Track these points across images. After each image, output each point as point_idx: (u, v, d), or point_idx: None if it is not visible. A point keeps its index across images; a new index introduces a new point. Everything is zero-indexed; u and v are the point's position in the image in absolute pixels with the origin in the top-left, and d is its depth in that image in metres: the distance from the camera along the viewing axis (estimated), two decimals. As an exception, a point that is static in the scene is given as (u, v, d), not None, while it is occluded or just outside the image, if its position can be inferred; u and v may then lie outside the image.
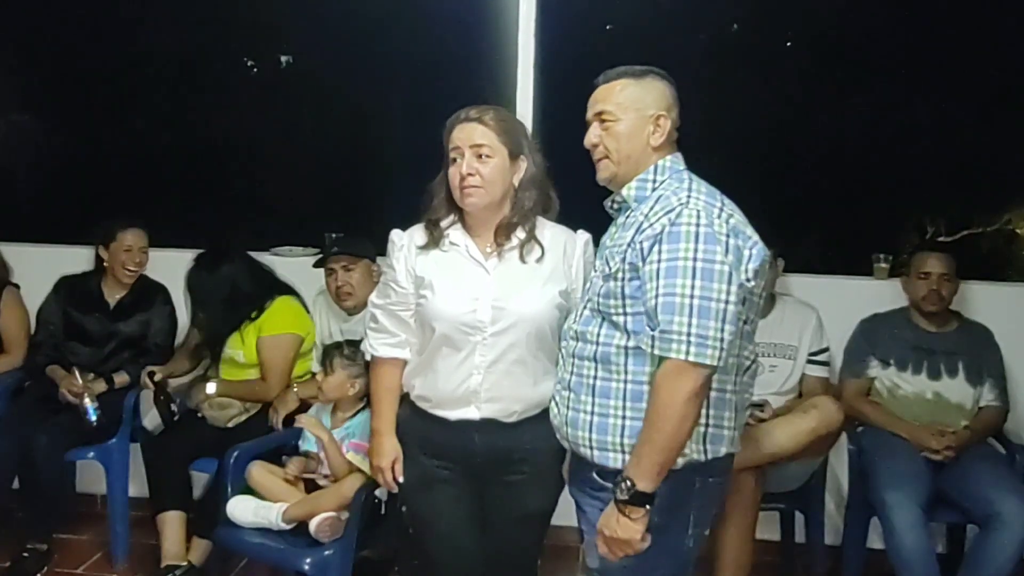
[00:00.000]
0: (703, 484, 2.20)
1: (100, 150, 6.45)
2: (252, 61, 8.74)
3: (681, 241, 2.03)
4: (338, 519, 3.01)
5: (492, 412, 2.40)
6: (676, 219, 2.06)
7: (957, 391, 3.45)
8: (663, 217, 2.09)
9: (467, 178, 2.35)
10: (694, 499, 2.20)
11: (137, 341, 3.89)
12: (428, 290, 2.41)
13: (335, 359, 3.21)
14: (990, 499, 3.12)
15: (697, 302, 1.99)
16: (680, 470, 2.13)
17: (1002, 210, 9.72)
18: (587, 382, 2.20)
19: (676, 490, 2.15)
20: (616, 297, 2.14)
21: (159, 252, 4.06)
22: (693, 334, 1.98)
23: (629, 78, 2.26)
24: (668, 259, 2.03)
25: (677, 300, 2.00)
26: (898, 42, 8.46)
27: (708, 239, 2.03)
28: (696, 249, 2.02)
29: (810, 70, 8.92)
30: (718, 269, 2.01)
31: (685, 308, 1.99)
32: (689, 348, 1.99)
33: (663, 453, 2.05)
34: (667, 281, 2.02)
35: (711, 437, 2.16)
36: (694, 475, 2.17)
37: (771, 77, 8.74)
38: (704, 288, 2.00)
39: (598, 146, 2.27)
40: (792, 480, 3.39)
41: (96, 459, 3.74)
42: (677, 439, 2.05)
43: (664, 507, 2.14)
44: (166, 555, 3.46)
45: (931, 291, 3.48)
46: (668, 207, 2.10)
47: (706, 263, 2.01)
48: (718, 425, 2.16)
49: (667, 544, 2.19)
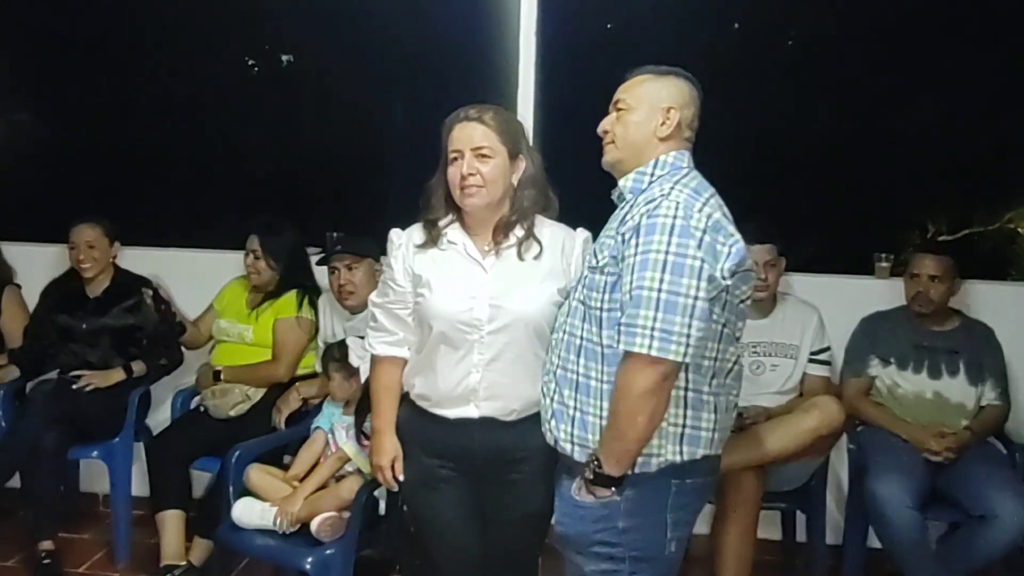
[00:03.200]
0: (680, 487, 2.19)
1: (101, 149, 6.46)
2: (252, 60, 8.74)
3: (655, 233, 2.02)
4: (339, 519, 3.02)
5: (491, 411, 2.40)
6: (654, 211, 2.06)
7: (958, 390, 3.44)
8: (643, 208, 2.09)
9: (468, 178, 2.35)
10: (671, 502, 2.19)
11: (129, 333, 3.89)
12: (426, 288, 2.41)
13: (329, 366, 3.27)
14: (988, 498, 3.11)
15: (664, 296, 1.98)
16: (655, 473, 2.14)
17: (1004, 209, 9.72)
18: (571, 377, 2.20)
19: (651, 494, 2.16)
20: (599, 290, 2.14)
21: (156, 252, 4.12)
22: (658, 328, 1.97)
23: (651, 74, 2.29)
24: (642, 251, 2.03)
25: (645, 293, 1.99)
26: (899, 41, 8.46)
27: (682, 232, 2.02)
28: (669, 242, 2.01)
29: (811, 69, 8.92)
30: (689, 264, 2.00)
31: (652, 302, 1.98)
32: (652, 342, 1.98)
33: (623, 443, 2.07)
34: (639, 274, 2.01)
35: (688, 438, 2.15)
36: (670, 478, 2.16)
37: (772, 76, 8.74)
38: (673, 283, 1.99)
39: (608, 132, 2.29)
40: (793, 479, 3.39)
41: (99, 458, 3.75)
42: (633, 431, 2.05)
43: (638, 511, 2.15)
44: (165, 554, 3.47)
45: (918, 292, 3.47)
46: (649, 198, 2.11)
47: (678, 257, 2.00)
48: (695, 427, 2.15)
49: (646, 548, 2.20)
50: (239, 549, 3.28)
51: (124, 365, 3.83)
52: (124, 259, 4.04)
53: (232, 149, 6.99)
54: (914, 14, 8.23)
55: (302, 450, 3.28)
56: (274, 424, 3.57)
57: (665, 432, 2.11)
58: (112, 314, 3.90)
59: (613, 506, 2.14)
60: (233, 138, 6.96)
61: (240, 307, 3.82)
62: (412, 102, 6.19)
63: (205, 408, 3.72)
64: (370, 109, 6.90)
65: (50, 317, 3.94)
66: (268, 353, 3.72)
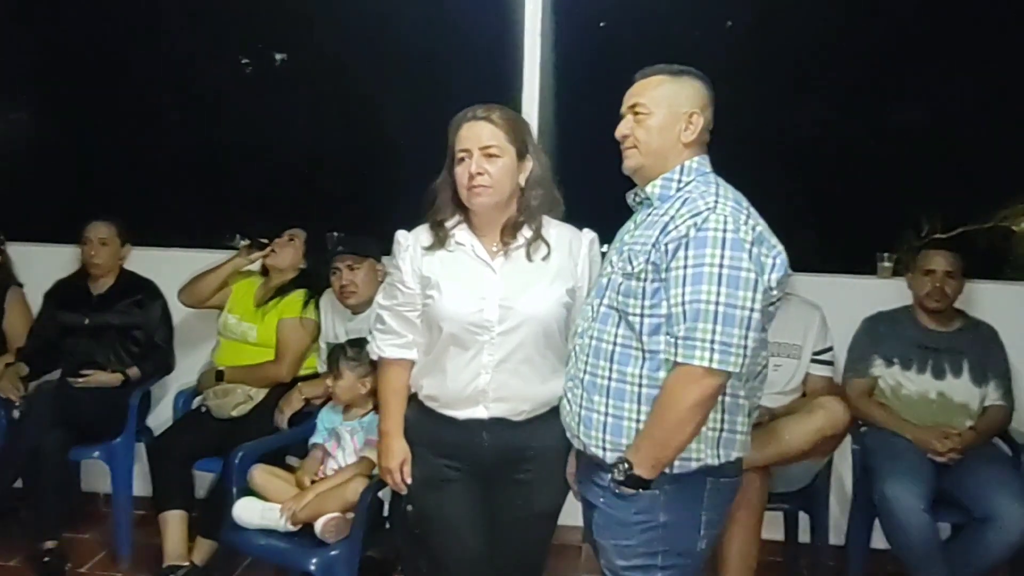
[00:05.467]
0: (715, 485, 2.21)
1: (95, 150, 6.41)
2: (246, 59, 8.69)
3: (708, 247, 2.03)
4: (344, 519, 3.01)
5: (501, 411, 2.40)
6: (703, 224, 2.06)
7: (962, 391, 3.45)
8: (689, 220, 2.09)
9: (476, 177, 2.35)
10: (706, 500, 2.21)
11: (130, 332, 3.92)
12: (435, 290, 2.40)
13: (340, 362, 3.21)
14: (991, 500, 3.13)
15: (723, 309, 2.00)
16: (692, 473, 2.15)
17: (998, 207, 9.74)
18: (601, 382, 2.19)
19: (688, 492, 2.17)
20: (637, 297, 2.13)
21: (156, 251, 4.15)
22: (717, 341, 2.00)
23: (666, 75, 2.27)
24: (695, 264, 2.03)
25: (702, 307, 2.01)
26: (895, 39, 8.46)
27: (735, 246, 2.03)
28: (723, 255, 2.02)
29: (806, 68, 8.92)
30: (744, 276, 2.02)
31: (710, 315, 2.00)
32: (713, 355, 2.00)
33: (662, 449, 2.08)
34: (693, 287, 2.02)
35: (724, 441, 2.17)
36: (706, 477, 2.18)
37: (767, 75, 8.73)
38: (730, 295, 2.00)
39: (628, 136, 2.27)
40: (796, 480, 3.39)
41: (101, 458, 3.75)
42: (677, 440, 2.07)
43: (675, 508, 2.16)
44: (168, 555, 3.47)
45: (935, 287, 3.48)
46: (695, 210, 2.10)
47: (732, 270, 2.02)
48: (731, 429, 2.17)
49: (679, 545, 2.21)
50: (242, 549, 3.27)
51: (121, 370, 3.84)
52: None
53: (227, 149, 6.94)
54: (909, 11, 8.24)
55: (303, 465, 3.25)
56: (276, 424, 3.56)
57: (704, 436, 2.13)
58: (116, 311, 3.92)
59: (654, 499, 2.15)
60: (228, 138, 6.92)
61: (248, 304, 3.81)
62: (412, 101, 6.16)
63: (207, 408, 3.71)
64: (370, 108, 6.85)
65: (54, 315, 3.96)
66: (271, 353, 3.72)
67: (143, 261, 4.11)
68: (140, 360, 3.90)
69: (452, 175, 2.42)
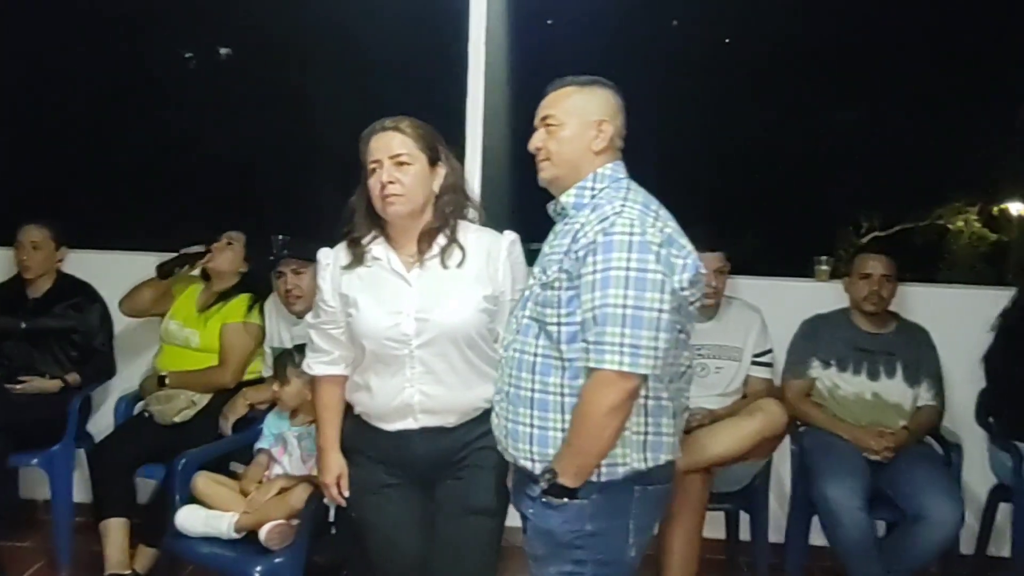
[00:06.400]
0: (643, 492, 2.21)
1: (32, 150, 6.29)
2: (190, 53, 8.57)
3: (615, 251, 2.05)
4: (288, 526, 2.99)
5: (430, 422, 2.42)
6: (610, 228, 2.08)
7: (895, 391, 3.54)
8: (598, 226, 2.11)
9: (388, 186, 2.35)
10: (633, 507, 2.21)
11: (68, 335, 3.85)
12: (353, 308, 2.41)
13: (288, 368, 3.19)
14: (922, 500, 3.22)
15: (631, 312, 2.01)
16: (620, 480, 2.16)
17: (934, 206, 9.97)
18: (525, 394, 2.20)
19: (615, 501, 2.18)
20: (553, 306, 2.15)
21: (97, 254, 4.09)
22: (627, 344, 2.01)
23: (575, 86, 2.30)
24: (603, 269, 2.05)
25: (610, 310, 2.02)
26: (833, 44, 8.60)
27: (642, 248, 2.05)
28: (629, 258, 2.03)
29: (748, 69, 9.02)
30: (651, 278, 2.03)
31: (619, 318, 2.01)
32: (623, 358, 2.01)
33: (584, 457, 2.10)
34: (602, 292, 2.04)
35: (651, 445, 2.17)
36: (633, 484, 2.19)
37: (709, 75, 8.82)
38: (638, 298, 2.01)
39: (541, 148, 2.30)
40: (737, 480, 3.46)
41: (40, 465, 3.68)
42: (597, 446, 2.09)
43: (602, 515, 2.17)
44: (109, 563, 3.43)
45: (872, 291, 3.56)
46: (603, 216, 2.12)
47: (640, 272, 2.03)
48: (657, 432, 2.18)
49: (608, 553, 2.22)
50: (185, 557, 3.23)
51: (60, 376, 3.78)
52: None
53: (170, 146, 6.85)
54: (847, 18, 8.38)
55: (247, 472, 3.23)
56: (220, 430, 3.53)
57: (629, 440, 2.14)
58: (53, 314, 3.86)
59: (581, 509, 2.16)
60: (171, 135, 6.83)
61: (190, 309, 3.77)
62: (359, 97, 6.13)
63: (149, 414, 3.67)
64: (316, 105, 6.81)
65: None
66: (213, 359, 3.68)
67: (83, 264, 4.05)
68: (80, 365, 3.84)
69: (367, 189, 2.42)
